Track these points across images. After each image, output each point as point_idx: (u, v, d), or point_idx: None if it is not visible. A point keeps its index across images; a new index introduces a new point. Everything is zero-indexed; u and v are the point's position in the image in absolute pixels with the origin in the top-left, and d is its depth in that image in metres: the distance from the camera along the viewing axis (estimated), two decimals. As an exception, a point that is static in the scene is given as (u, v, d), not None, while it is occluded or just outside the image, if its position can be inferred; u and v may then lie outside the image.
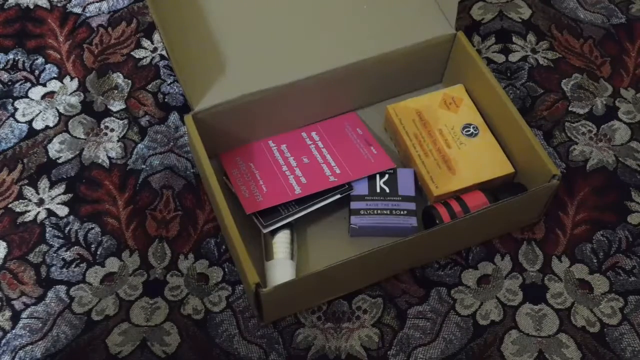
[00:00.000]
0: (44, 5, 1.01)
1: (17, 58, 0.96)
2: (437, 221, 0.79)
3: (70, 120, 0.91)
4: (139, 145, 0.90)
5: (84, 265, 0.82)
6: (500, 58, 0.97)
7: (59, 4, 1.01)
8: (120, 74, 0.95)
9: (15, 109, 0.92)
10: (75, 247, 0.83)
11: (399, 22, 0.87)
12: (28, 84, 0.94)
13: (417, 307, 0.79)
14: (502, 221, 0.81)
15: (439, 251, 0.81)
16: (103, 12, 1.00)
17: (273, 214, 0.79)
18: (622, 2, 1.02)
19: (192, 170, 0.88)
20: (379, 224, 0.80)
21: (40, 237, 0.83)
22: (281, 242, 0.79)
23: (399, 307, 0.79)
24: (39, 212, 0.85)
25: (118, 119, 0.91)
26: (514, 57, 0.97)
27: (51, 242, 0.83)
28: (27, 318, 0.78)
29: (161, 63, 0.96)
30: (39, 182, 0.87)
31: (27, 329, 0.78)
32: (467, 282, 0.81)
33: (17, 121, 0.91)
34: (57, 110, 0.92)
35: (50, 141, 0.90)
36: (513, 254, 0.83)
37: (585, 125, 0.92)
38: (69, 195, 0.86)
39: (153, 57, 0.96)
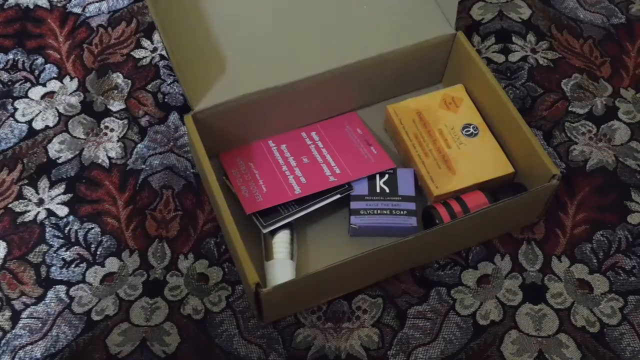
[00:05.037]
0: (44, 5, 1.01)
1: (17, 58, 0.96)
2: (437, 221, 0.79)
3: (70, 120, 0.91)
4: (139, 145, 0.90)
5: (83, 265, 0.82)
6: (500, 58, 0.97)
7: (58, 4, 1.01)
8: (120, 74, 0.95)
9: (15, 109, 0.92)
10: (75, 247, 0.83)
11: (399, 22, 0.87)
12: (28, 84, 0.94)
13: (417, 307, 0.79)
14: (502, 221, 0.81)
15: (439, 251, 0.81)
16: (103, 12, 1.00)
17: (273, 214, 0.79)
18: (622, 2, 1.02)
19: (192, 170, 0.88)
20: (379, 224, 0.80)
21: (40, 237, 0.83)
22: (281, 242, 0.79)
23: (399, 307, 0.79)
24: (38, 212, 0.85)
25: (118, 119, 0.91)
26: (513, 57, 0.97)
27: (51, 242, 0.83)
28: (27, 318, 0.78)
29: (161, 63, 0.96)
30: (38, 182, 0.87)
31: (27, 329, 0.78)
32: (467, 282, 0.81)
33: (17, 121, 0.91)
34: (57, 110, 0.92)
35: (50, 141, 0.90)
36: (513, 254, 0.83)
37: (585, 125, 0.92)
38: (69, 195, 0.86)
39: (153, 57, 0.96)
